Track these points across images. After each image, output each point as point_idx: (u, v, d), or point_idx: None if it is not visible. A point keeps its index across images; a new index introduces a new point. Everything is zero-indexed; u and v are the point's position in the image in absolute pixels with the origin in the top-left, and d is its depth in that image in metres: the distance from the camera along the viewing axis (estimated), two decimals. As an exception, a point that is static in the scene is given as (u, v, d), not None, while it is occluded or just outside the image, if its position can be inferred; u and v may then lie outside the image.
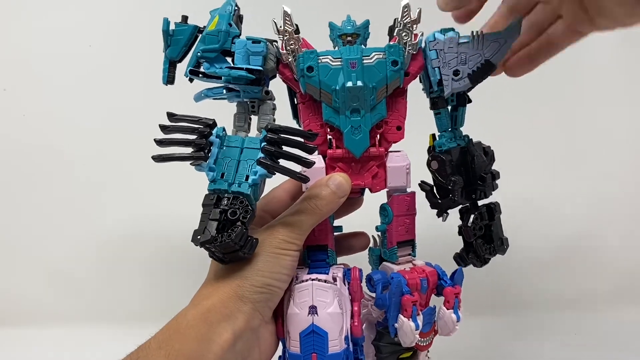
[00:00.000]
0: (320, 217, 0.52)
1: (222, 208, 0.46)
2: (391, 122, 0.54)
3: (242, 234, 0.45)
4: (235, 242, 0.44)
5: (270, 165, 0.47)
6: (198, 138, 0.47)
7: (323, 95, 0.52)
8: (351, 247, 0.64)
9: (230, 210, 0.46)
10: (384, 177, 0.55)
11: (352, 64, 0.51)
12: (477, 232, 0.56)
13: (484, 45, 0.52)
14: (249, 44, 0.52)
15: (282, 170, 0.47)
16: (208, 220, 0.46)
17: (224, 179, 0.48)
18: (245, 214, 0.46)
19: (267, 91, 0.54)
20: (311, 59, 0.52)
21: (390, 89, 0.53)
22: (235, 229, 0.45)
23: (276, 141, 0.48)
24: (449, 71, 0.52)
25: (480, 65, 0.52)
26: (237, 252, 0.46)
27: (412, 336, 0.52)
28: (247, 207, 0.46)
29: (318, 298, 0.51)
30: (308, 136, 0.48)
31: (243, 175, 0.49)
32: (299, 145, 0.48)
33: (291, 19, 0.52)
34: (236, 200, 0.47)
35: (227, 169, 0.49)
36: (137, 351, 0.46)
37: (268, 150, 0.47)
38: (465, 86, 0.53)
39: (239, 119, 0.55)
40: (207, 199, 0.48)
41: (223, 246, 0.45)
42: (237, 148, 0.50)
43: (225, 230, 0.45)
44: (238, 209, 0.46)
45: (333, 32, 0.56)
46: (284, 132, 0.48)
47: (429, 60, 0.53)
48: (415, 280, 0.54)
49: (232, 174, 0.49)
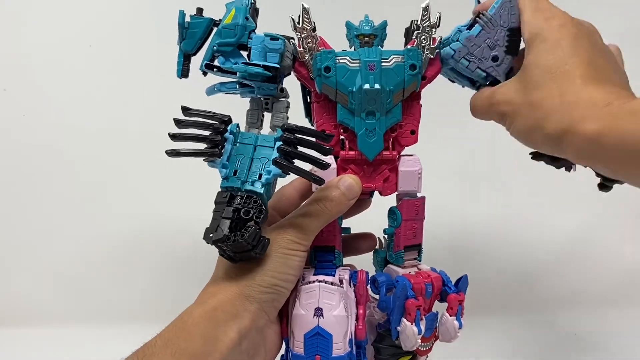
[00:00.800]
0: (329, 219, 0.52)
1: (235, 206, 0.46)
2: (405, 125, 0.54)
3: (255, 234, 0.44)
4: (248, 242, 0.44)
5: (285, 166, 0.47)
6: (213, 134, 0.46)
7: (339, 96, 0.52)
8: (358, 248, 0.63)
9: (244, 209, 0.46)
10: (395, 181, 0.55)
11: (370, 66, 0.50)
12: None
13: (497, 20, 0.51)
14: (266, 41, 0.51)
15: (297, 171, 0.47)
16: (221, 219, 0.45)
17: (237, 177, 0.48)
18: (259, 214, 0.46)
19: (282, 89, 0.54)
20: (329, 59, 0.51)
21: (407, 92, 0.52)
22: (249, 229, 0.44)
23: (292, 141, 0.47)
24: (488, 62, 0.52)
25: (509, 37, 0.52)
26: (249, 252, 0.46)
27: (414, 340, 0.52)
28: (261, 206, 0.46)
29: (324, 300, 0.51)
30: (324, 137, 0.48)
31: (256, 173, 0.48)
32: (315, 146, 0.47)
33: (309, 17, 0.51)
34: (249, 199, 0.46)
35: (240, 167, 0.48)
36: (142, 349, 0.45)
37: (284, 150, 0.47)
38: (511, 62, 0.53)
39: (252, 116, 0.54)
40: (220, 197, 0.47)
41: (235, 245, 0.44)
42: (250, 145, 0.49)
43: (237, 229, 0.45)
44: (251, 208, 0.46)
45: (350, 32, 0.55)
46: (300, 132, 0.47)
47: (462, 68, 0.53)
48: (420, 284, 0.54)
49: (245, 172, 0.48)
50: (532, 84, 0.47)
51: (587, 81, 0.44)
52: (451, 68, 0.55)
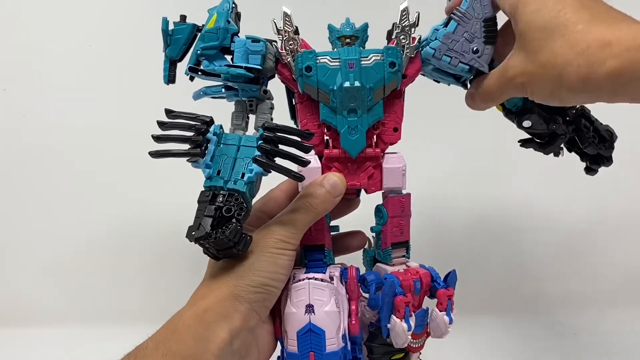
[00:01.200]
0: (316, 216, 0.53)
1: (217, 205, 0.46)
2: (388, 123, 0.55)
3: (236, 230, 0.45)
4: (229, 239, 0.44)
5: (266, 164, 0.47)
6: (195, 135, 0.47)
7: (321, 95, 0.53)
8: (348, 246, 0.64)
9: (225, 207, 0.46)
10: (380, 178, 0.56)
11: (350, 65, 0.51)
12: (592, 139, 0.58)
13: (470, 13, 0.52)
14: (248, 43, 0.52)
15: (278, 168, 0.48)
16: (203, 217, 0.46)
17: (220, 176, 0.48)
18: (240, 211, 0.46)
19: (265, 90, 0.55)
20: (310, 59, 0.52)
21: (387, 90, 0.53)
22: (229, 226, 0.45)
23: (272, 139, 0.48)
24: (470, 55, 0.53)
25: (485, 28, 0.53)
26: (231, 249, 0.46)
27: (404, 337, 0.52)
28: (242, 204, 0.47)
29: (315, 297, 0.51)
30: (304, 135, 0.48)
31: (239, 173, 0.49)
32: (295, 144, 0.48)
33: (291, 20, 0.53)
34: (231, 197, 0.47)
35: (224, 167, 0.49)
36: (134, 352, 0.46)
37: (264, 148, 0.48)
38: (492, 51, 0.53)
39: (237, 118, 0.55)
40: (203, 196, 0.48)
41: (217, 242, 0.45)
42: (234, 146, 0.50)
43: (219, 226, 0.45)
44: (233, 206, 0.46)
45: (332, 34, 0.57)
46: (281, 130, 0.48)
47: (445, 65, 0.54)
48: (408, 281, 0.54)
49: (228, 172, 0.49)
50: (535, 48, 0.46)
51: (588, 25, 0.43)
52: (434, 68, 0.56)
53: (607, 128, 0.60)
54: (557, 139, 0.58)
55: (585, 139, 0.58)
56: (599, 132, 0.59)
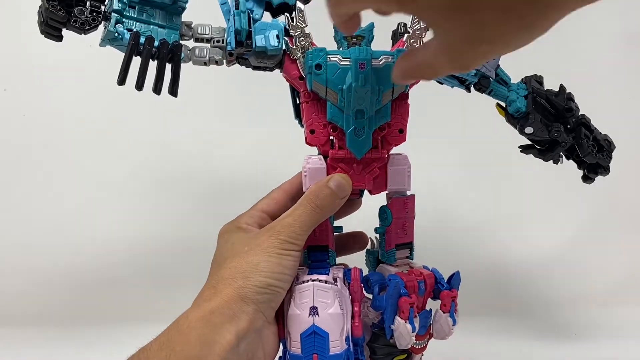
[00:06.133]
0: (321, 218, 0.52)
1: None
2: (394, 124, 0.55)
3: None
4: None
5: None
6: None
7: (329, 94, 0.52)
8: (350, 247, 0.64)
9: None
10: (385, 180, 0.56)
11: (361, 65, 0.51)
12: (591, 148, 0.59)
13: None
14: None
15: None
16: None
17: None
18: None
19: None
20: (320, 57, 0.51)
21: (396, 92, 0.53)
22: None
23: None
24: None
25: None
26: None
27: (408, 338, 0.53)
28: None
29: (319, 299, 0.51)
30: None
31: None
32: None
33: (304, 16, 0.52)
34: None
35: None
36: (138, 353, 0.45)
37: None
38: (499, 56, 0.54)
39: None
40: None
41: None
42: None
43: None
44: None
45: (338, 34, 0.57)
46: None
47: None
48: (412, 282, 0.55)
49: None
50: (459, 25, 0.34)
51: None
52: None
53: (605, 137, 0.61)
54: (558, 147, 0.59)
55: (584, 147, 0.59)
56: (598, 141, 0.61)
